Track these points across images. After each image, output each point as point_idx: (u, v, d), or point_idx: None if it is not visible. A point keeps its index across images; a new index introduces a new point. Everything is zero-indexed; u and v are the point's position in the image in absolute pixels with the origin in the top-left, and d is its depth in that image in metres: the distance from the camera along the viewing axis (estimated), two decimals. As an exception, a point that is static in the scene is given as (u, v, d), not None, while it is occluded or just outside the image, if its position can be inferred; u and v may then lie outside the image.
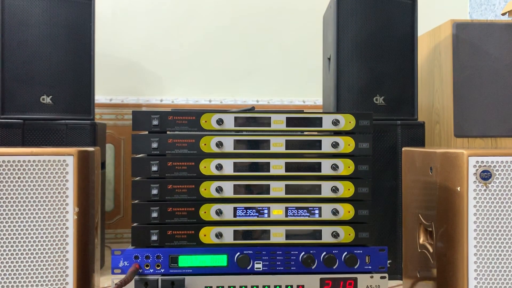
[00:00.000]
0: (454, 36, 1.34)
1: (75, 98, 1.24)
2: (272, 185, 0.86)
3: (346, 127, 0.88)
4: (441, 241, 0.83)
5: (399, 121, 1.24)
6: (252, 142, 0.86)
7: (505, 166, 0.75)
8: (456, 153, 0.78)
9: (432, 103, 1.48)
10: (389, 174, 1.24)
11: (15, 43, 1.20)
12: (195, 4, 1.83)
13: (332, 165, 0.86)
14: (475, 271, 0.75)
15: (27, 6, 1.20)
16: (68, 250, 0.76)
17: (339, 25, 1.24)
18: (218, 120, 0.86)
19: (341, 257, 0.83)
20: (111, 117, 1.76)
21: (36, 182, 0.75)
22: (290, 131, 0.88)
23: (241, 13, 1.84)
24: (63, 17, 1.22)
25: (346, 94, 1.24)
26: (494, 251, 0.75)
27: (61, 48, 1.21)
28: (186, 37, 1.82)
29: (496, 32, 1.34)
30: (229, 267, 0.82)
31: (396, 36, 1.25)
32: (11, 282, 0.74)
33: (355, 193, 0.86)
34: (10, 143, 1.19)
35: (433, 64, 1.47)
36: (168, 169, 0.84)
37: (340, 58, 1.24)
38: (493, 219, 0.76)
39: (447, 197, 0.80)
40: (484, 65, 1.34)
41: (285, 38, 1.85)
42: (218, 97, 1.83)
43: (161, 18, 1.81)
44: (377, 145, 1.23)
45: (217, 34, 1.83)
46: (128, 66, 1.80)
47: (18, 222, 0.75)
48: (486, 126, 1.34)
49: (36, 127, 1.21)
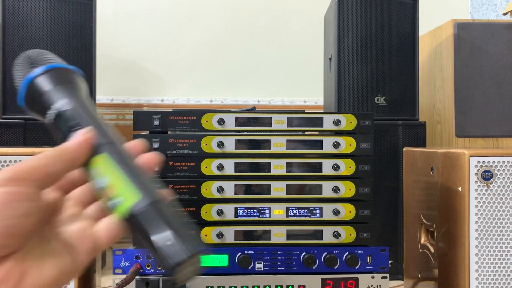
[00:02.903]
0: (456, 36, 1.34)
1: (76, 98, 1.24)
2: (273, 185, 0.86)
3: (347, 127, 0.88)
4: (442, 241, 0.83)
5: (400, 121, 1.24)
6: (253, 142, 0.86)
7: (506, 166, 0.75)
8: (457, 153, 0.78)
9: (434, 103, 1.48)
10: (390, 174, 1.24)
11: (16, 43, 1.20)
12: (196, 4, 1.83)
13: (333, 165, 0.86)
14: (477, 271, 0.75)
15: (28, 7, 1.21)
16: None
17: (340, 25, 1.23)
18: (219, 120, 0.86)
19: (342, 257, 0.83)
20: (112, 117, 1.76)
21: (38, 182, 0.75)
22: (291, 131, 0.88)
23: (242, 13, 1.84)
24: (64, 18, 1.22)
25: (347, 94, 1.24)
26: (495, 251, 0.75)
27: (62, 48, 1.21)
28: (187, 37, 1.82)
29: (497, 32, 1.34)
30: (230, 267, 0.82)
31: (397, 36, 1.25)
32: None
33: (356, 193, 0.86)
34: (12, 143, 1.19)
35: (434, 64, 1.47)
36: (169, 169, 0.84)
37: (341, 58, 1.24)
38: (495, 219, 0.76)
39: (448, 197, 0.80)
40: (485, 65, 1.34)
41: (286, 38, 1.85)
42: (219, 97, 1.83)
43: (162, 18, 1.81)
44: (378, 145, 1.23)
45: (218, 34, 1.83)
46: (129, 67, 1.80)
47: (20, 222, 0.75)
48: (487, 126, 1.33)
49: (38, 127, 1.21)
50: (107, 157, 0.38)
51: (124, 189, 0.36)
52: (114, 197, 0.36)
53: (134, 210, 0.35)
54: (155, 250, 0.34)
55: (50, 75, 0.40)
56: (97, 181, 0.37)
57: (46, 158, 0.35)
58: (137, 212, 0.35)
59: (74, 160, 0.37)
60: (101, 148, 0.38)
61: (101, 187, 0.37)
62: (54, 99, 0.39)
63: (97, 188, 0.37)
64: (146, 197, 0.36)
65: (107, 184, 0.37)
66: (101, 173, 0.37)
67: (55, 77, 0.41)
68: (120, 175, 0.37)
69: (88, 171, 0.38)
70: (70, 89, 0.41)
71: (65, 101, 0.39)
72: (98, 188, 0.37)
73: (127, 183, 0.36)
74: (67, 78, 0.41)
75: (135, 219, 0.35)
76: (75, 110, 0.39)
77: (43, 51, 0.43)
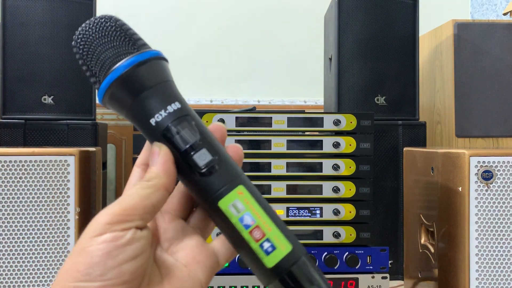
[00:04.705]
0: (456, 36, 1.34)
1: (77, 98, 1.24)
2: (273, 185, 0.86)
3: (347, 127, 0.88)
4: (442, 242, 0.83)
5: (400, 121, 1.24)
6: (253, 142, 0.86)
7: (506, 166, 0.75)
8: (457, 153, 0.78)
9: (434, 103, 1.48)
10: (390, 174, 1.24)
11: (16, 44, 1.20)
12: (196, 5, 1.83)
13: (333, 165, 0.86)
14: (477, 271, 0.75)
15: (29, 7, 1.20)
16: (70, 250, 0.76)
17: (340, 25, 1.23)
18: (219, 120, 0.86)
19: (342, 257, 0.83)
20: (113, 117, 1.76)
21: (38, 182, 0.75)
22: (291, 131, 0.88)
23: (242, 13, 1.84)
24: (65, 18, 1.22)
25: (347, 94, 1.24)
26: (495, 251, 0.75)
27: (63, 48, 1.21)
28: (187, 37, 1.82)
29: (497, 32, 1.34)
30: (231, 267, 0.82)
31: (397, 36, 1.25)
32: (13, 281, 0.74)
33: (356, 193, 0.86)
34: (12, 143, 1.19)
35: (435, 64, 1.47)
36: (169, 169, 0.84)
37: (341, 58, 1.24)
38: (495, 219, 0.76)
39: (448, 198, 0.80)
40: (485, 65, 1.34)
41: (286, 38, 1.85)
42: (219, 97, 1.83)
43: (162, 18, 1.81)
44: (378, 145, 1.23)
45: (218, 34, 1.83)
46: (129, 66, 1.80)
47: (20, 222, 0.75)
48: (487, 126, 1.33)
49: (38, 127, 1.21)
50: (245, 191, 0.32)
51: (273, 234, 0.32)
52: (262, 241, 0.32)
53: (288, 263, 0.31)
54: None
55: (154, 66, 0.33)
56: (237, 216, 0.32)
57: (142, 192, 0.32)
58: (290, 265, 0.31)
59: (168, 187, 0.33)
60: (238, 179, 0.33)
61: (247, 225, 0.32)
62: (161, 102, 0.33)
63: (243, 224, 0.32)
64: (297, 249, 0.32)
65: (254, 223, 0.32)
66: (241, 209, 0.32)
67: (158, 70, 0.33)
68: (265, 219, 0.32)
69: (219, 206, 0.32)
70: (176, 92, 0.34)
71: (175, 108, 0.33)
72: (243, 225, 0.32)
73: (275, 228, 0.32)
74: (167, 74, 0.34)
75: (288, 272, 0.31)
76: (189, 124, 0.33)
77: (126, 25, 0.35)
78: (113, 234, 0.29)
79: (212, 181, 0.32)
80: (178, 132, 0.33)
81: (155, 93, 0.33)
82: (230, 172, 0.33)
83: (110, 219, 0.30)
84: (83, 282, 0.28)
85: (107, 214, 0.30)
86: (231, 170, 0.33)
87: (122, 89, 0.32)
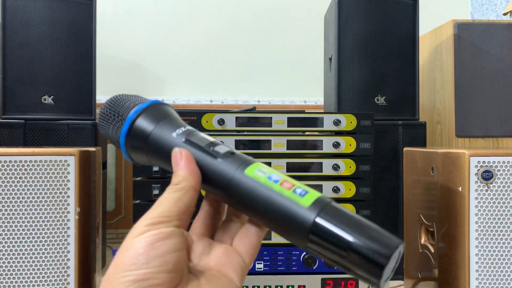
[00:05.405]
0: (456, 36, 1.34)
1: (77, 98, 1.24)
2: (273, 185, 0.85)
3: (347, 127, 0.88)
4: (442, 242, 0.83)
5: (400, 121, 1.24)
6: (253, 142, 0.86)
7: (506, 166, 0.75)
8: (457, 153, 0.78)
9: (434, 103, 1.48)
10: (390, 174, 1.24)
11: (16, 44, 1.20)
12: (196, 5, 1.83)
13: (333, 165, 0.86)
14: (477, 271, 0.75)
15: (29, 7, 1.21)
16: (70, 250, 0.76)
17: (340, 25, 1.23)
18: (220, 120, 0.86)
19: (342, 257, 0.82)
20: (113, 117, 1.76)
21: (38, 182, 0.75)
22: (291, 131, 0.88)
23: (242, 13, 1.84)
24: (65, 18, 1.22)
25: (347, 94, 1.24)
26: (495, 251, 0.75)
27: (63, 49, 1.21)
28: (187, 37, 1.82)
29: (497, 32, 1.34)
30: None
31: (397, 36, 1.25)
32: (13, 282, 0.74)
33: (357, 193, 0.86)
34: (12, 143, 1.19)
35: (435, 64, 1.47)
36: (169, 169, 0.84)
37: (341, 58, 1.24)
38: (495, 219, 0.76)
39: (448, 198, 0.80)
40: (485, 65, 1.34)
41: (286, 38, 1.85)
42: (219, 97, 1.83)
43: (163, 18, 1.81)
44: (378, 145, 1.23)
45: (218, 34, 1.83)
46: (129, 67, 1.80)
47: (20, 222, 0.75)
48: (487, 126, 1.33)
49: (38, 127, 1.21)
50: (264, 165, 0.37)
51: (301, 185, 0.35)
52: (294, 188, 0.34)
53: (323, 201, 0.33)
54: (355, 254, 0.31)
55: (149, 113, 0.40)
56: (264, 176, 0.35)
57: (173, 195, 0.35)
58: (327, 202, 0.33)
59: (196, 186, 0.36)
60: (254, 160, 0.37)
61: (276, 180, 0.35)
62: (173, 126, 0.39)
63: (272, 180, 0.35)
64: (325, 197, 0.34)
65: (282, 179, 0.35)
66: (266, 171, 0.36)
67: (153, 114, 0.40)
68: (289, 178, 0.35)
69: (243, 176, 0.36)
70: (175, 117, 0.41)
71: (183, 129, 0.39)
72: (273, 181, 0.35)
73: (300, 183, 0.35)
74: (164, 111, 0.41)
75: (325, 206, 0.33)
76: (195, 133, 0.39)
77: (117, 99, 0.44)
78: (154, 231, 0.32)
79: (235, 159, 0.37)
80: (197, 134, 0.39)
81: (165, 124, 0.40)
82: (246, 156, 0.38)
83: (149, 222, 0.33)
84: (129, 271, 0.31)
85: (146, 218, 0.33)
86: (246, 156, 0.38)
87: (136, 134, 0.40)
